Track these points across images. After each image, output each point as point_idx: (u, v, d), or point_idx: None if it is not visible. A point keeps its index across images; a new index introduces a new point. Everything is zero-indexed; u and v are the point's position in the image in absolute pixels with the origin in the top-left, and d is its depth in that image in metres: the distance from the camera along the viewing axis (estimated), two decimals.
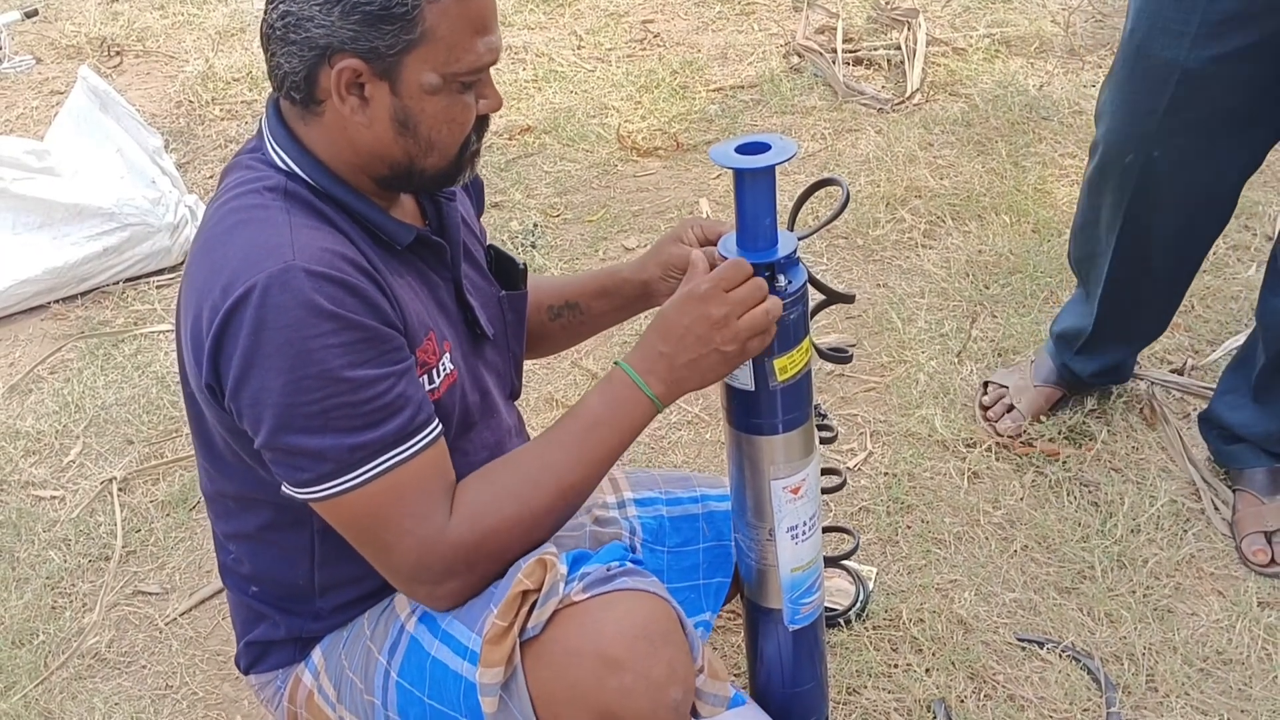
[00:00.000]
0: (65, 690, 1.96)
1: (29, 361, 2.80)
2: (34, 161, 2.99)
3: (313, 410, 1.16)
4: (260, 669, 1.46)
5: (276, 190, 1.22)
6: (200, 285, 1.19)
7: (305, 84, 1.21)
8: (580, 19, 4.13)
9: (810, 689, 1.59)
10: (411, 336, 1.26)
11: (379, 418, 1.18)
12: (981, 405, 2.24)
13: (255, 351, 1.15)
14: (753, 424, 1.38)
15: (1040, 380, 2.21)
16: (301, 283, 1.14)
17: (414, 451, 1.21)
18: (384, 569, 1.26)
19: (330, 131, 1.23)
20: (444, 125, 1.23)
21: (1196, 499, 2.06)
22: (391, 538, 1.22)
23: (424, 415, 1.23)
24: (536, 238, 2.98)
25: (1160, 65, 1.74)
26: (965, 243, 2.76)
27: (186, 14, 4.51)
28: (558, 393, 2.48)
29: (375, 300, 1.19)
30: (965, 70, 3.49)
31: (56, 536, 2.27)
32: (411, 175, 1.27)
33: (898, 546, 2.03)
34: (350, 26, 1.16)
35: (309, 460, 1.18)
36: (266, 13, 1.21)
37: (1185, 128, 1.77)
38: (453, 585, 1.26)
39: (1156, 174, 1.83)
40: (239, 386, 1.17)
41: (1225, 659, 1.80)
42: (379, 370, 1.18)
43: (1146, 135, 1.80)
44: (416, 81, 1.19)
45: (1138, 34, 1.77)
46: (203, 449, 1.35)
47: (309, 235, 1.18)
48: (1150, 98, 1.77)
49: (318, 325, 1.14)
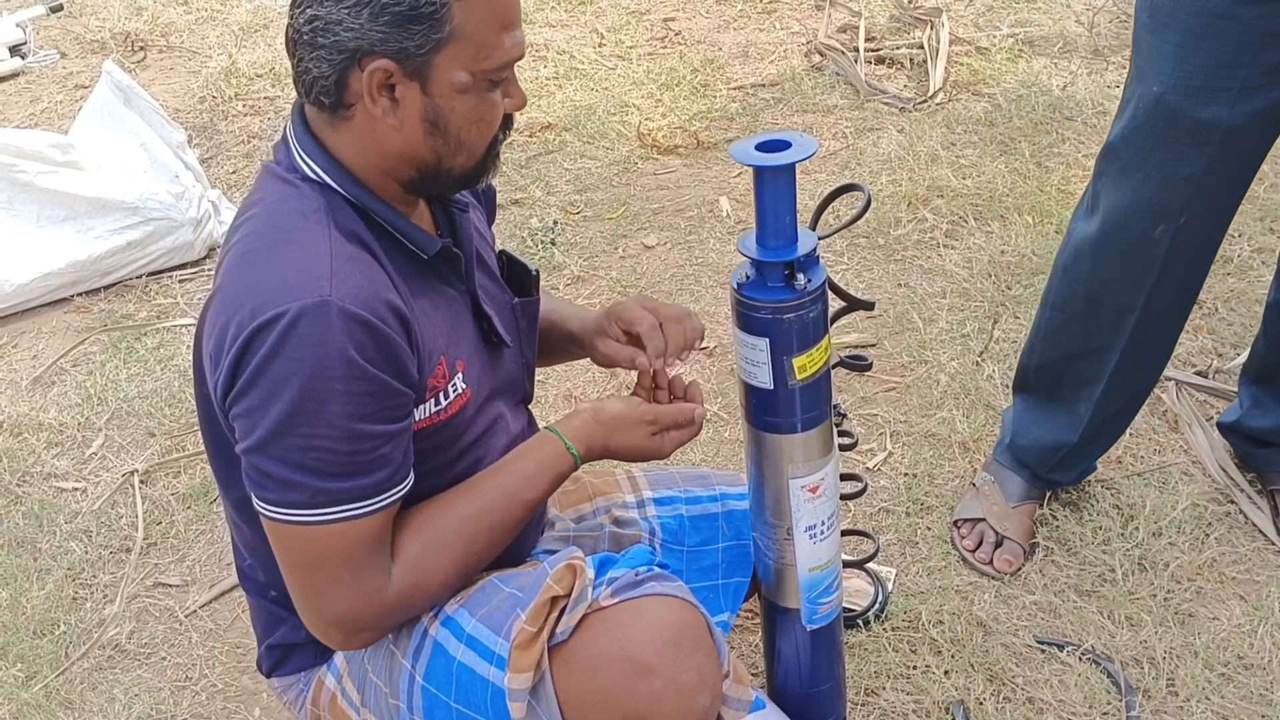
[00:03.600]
0: (86, 681, 1.98)
1: (52, 354, 2.82)
2: (58, 155, 3.01)
3: (296, 444, 1.17)
4: (282, 672, 1.46)
5: (320, 211, 1.22)
6: (232, 298, 1.19)
7: (335, 88, 1.20)
8: (601, 16, 4.13)
9: (828, 689, 1.58)
10: (423, 364, 1.26)
11: (355, 470, 1.19)
12: (965, 549, 1.98)
13: (266, 372, 1.15)
14: (771, 422, 1.37)
15: (1016, 500, 1.99)
16: (334, 322, 1.14)
17: (375, 509, 1.22)
18: (304, 608, 1.27)
19: (359, 136, 1.23)
20: (474, 124, 1.23)
21: (1219, 503, 2.04)
22: (325, 583, 1.23)
23: (399, 476, 1.24)
24: (556, 235, 2.98)
25: (1199, 126, 1.58)
26: (988, 243, 2.75)
27: (210, 9, 4.53)
28: (576, 389, 2.48)
29: (398, 352, 1.20)
30: (988, 70, 3.47)
31: (78, 528, 2.29)
32: (439, 176, 1.26)
33: (917, 548, 2.02)
34: (380, 28, 1.16)
35: (276, 485, 1.19)
36: (292, 18, 1.21)
37: (1217, 188, 1.66)
38: (369, 636, 1.30)
39: (1185, 243, 1.69)
40: (240, 395, 1.18)
41: (1246, 664, 1.78)
42: (376, 428, 1.19)
43: (1178, 202, 1.65)
44: (447, 80, 1.19)
45: (1169, 97, 1.59)
46: (216, 459, 1.36)
47: (348, 267, 1.18)
48: (1186, 163, 1.61)
49: (335, 369, 1.15)
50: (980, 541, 1.98)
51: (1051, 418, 1.94)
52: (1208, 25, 1.55)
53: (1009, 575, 1.94)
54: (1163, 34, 1.59)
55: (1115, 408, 1.91)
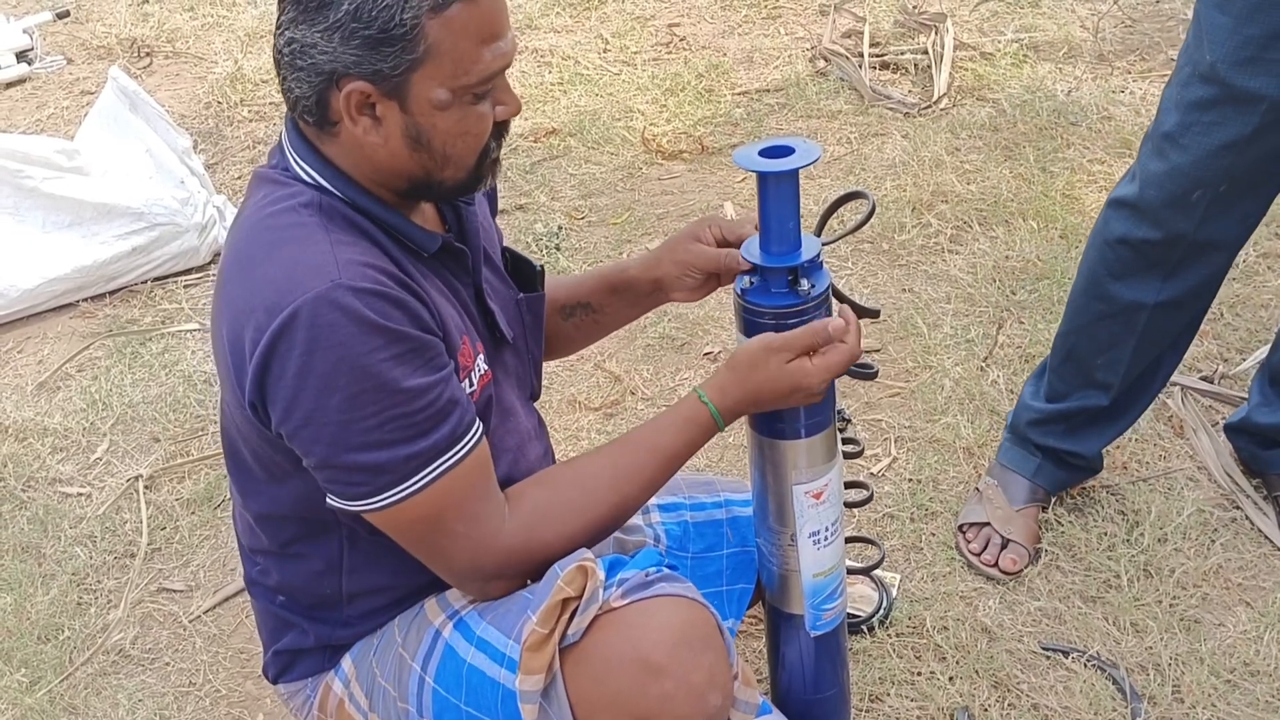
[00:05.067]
0: (90, 686, 1.98)
1: (57, 359, 2.82)
2: (64, 161, 3.02)
3: (370, 424, 1.17)
4: (289, 678, 1.46)
5: (312, 206, 1.22)
6: (240, 304, 1.19)
7: (317, 108, 1.20)
8: (606, 22, 4.13)
9: (832, 696, 1.58)
10: (449, 341, 1.26)
11: (431, 425, 1.20)
12: (971, 553, 1.98)
13: (308, 373, 1.15)
14: (775, 428, 1.37)
15: (1020, 503, 2.00)
16: (349, 300, 1.14)
17: (463, 454, 1.23)
18: (436, 568, 1.29)
19: (347, 150, 1.23)
20: (458, 139, 1.22)
21: (1224, 508, 2.04)
22: (445, 541, 1.25)
23: (470, 417, 1.25)
24: (561, 240, 2.98)
25: (1246, 96, 1.60)
26: (992, 248, 2.75)
27: (216, 16, 4.55)
28: (580, 394, 2.48)
29: (417, 310, 1.20)
30: (993, 75, 3.47)
31: (83, 533, 2.29)
32: (430, 187, 1.26)
33: (922, 553, 2.02)
34: (352, 51, 1.15)
35: (366, 475, 1.19)
36: (275, 38, 1.20)
37: (1258, 161, 1.66)
38: (501, 585, 1.30)
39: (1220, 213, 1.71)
40: (290, 408, 1.17)
41: (1252, 670, 1.78)
42: (431, 377, 1.20)
43: (1219, 170, 1.66)
44: (425, 98, 1.18)
45: (1219, 66, 1.60)
46: (236, 471, 1.36)
47: (349, 251, 1.18)
48: (1229, 130, 1.63)
49: (370, 340, 1.15)
50: (985, 545, 1.98)
51: (1081, 383, 1.93)
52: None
53: (1013, 576, 1.94)
54: (1228, 7, 1.60)
55: (1144, 365, 1.90)
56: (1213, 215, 1.71)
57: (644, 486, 1.33)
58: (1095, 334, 1.88)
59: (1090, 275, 1.87)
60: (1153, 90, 3.30)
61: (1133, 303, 1.82)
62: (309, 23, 1.16)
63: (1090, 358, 1.90)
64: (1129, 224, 1.78)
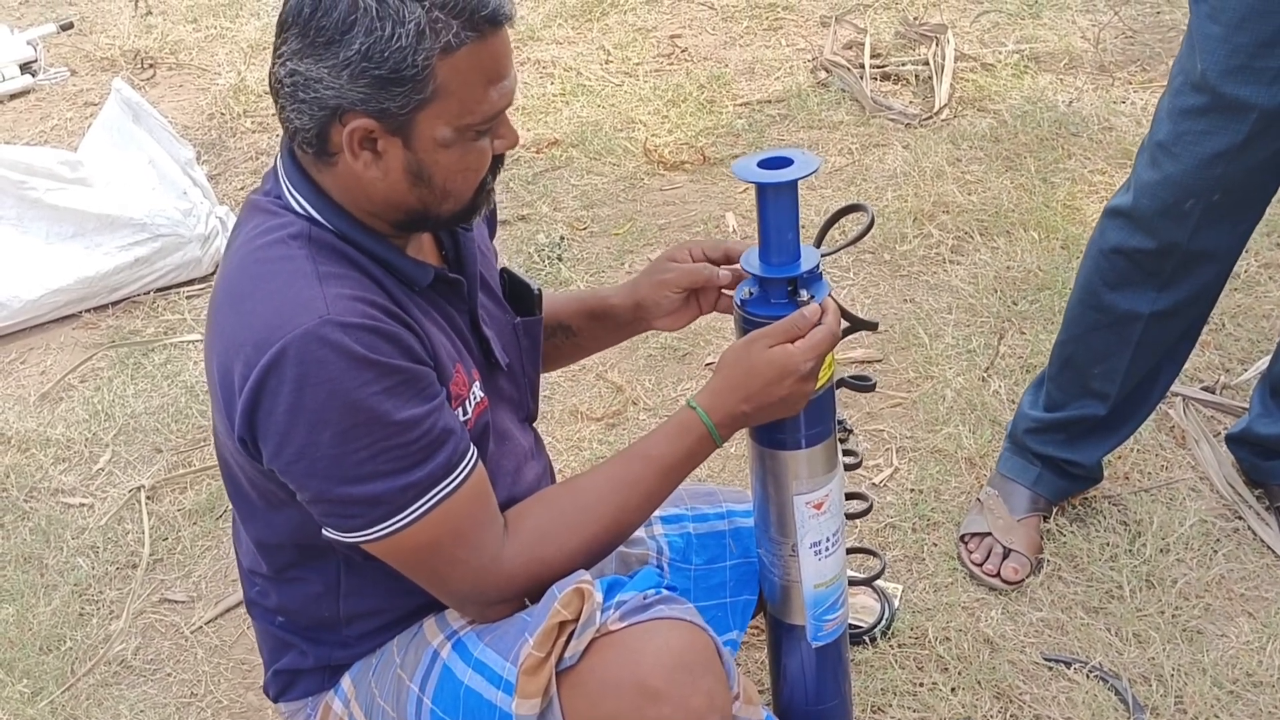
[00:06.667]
0: (91, 697, 1.98)
1: (60, 370, 2.83)
2: (67, 172, 3.03)
3: (363, 457, 1.17)
4: (289, 697, 1.46)
5: (301, 238, 1.21)
6: (230, 337, 1.19)
7: (317, 140, 1.19)
8: (608, 34, 4.14)
9: (833, 706, 1.58)
10: (442, 370, 1.26)
11: (426, 454, 1.20)
12: (972, 563, 1.98)
13: (299, 409, 1.14)
14: (776, 439, 1.37)
15: (1022, 512, 2.00)
16: (337, 336, 1.14)
17: (460, 482, 1.23)
18: (438, 594, 1.29)
19: (344, 181, 1.22)
20: (459, 174, 1.22)
21: (1227, 519, 2.04)
22: (446, 568, 1.25)
23: (464, 444, 1.24)
24: (563, 251, 2.98)
25: (1236, 104, 1.61)
26: (993, 259, 2.75)
27: (219, 27, 4.56)
28: (582, 405, 2.48)
29: (408, 342, 1.20)
30: (994, 86, 3.48)
31: (85, 544, 2.29)
32: (427, 220, 1.26)
33: (924, 564, 2.02)
34: (360, 89, 1.14)
35: (362, 507, 1.19)
36: (273, 66, 1.19)
37: (1251, 170, 1.67)
38: (503, 608, 1.30)
39: (1213, 221, 1.71)
40: (282, 445, 1.17)
41: (1255, 681, 1.77)
42: (424, 408, 1.19)
43: (1211, 179, 1.67)
44: (430, 136, 1.18)
45: (1210, 75, 1.61)
46: (231, 489, 1.36)
47: (338, 285, 1.18)
48: (1221, 139, 1.64)
49: (360, 375, 1.15)
50: (987, 555, 1.98)
51: (1078, 393, 1.93)
52: (1261, 4, 1.57)
53: (1015, 586, 1.94)
54: (1219, 16, 1.61)
55: (1141, 374, 1.89)
56: (1206, 225, 1.72)
57: (643, 499, 1.32)
58: (1091, 343, 1.88)
59: (1086, 285, 1.87)
60: (1154, 101, 3.30)
61: (1128, 312, 1.82)
62: (315, 57, 1.14)
63: (1087, 367, 1.90)
64: (1124, 233, 1.78)
